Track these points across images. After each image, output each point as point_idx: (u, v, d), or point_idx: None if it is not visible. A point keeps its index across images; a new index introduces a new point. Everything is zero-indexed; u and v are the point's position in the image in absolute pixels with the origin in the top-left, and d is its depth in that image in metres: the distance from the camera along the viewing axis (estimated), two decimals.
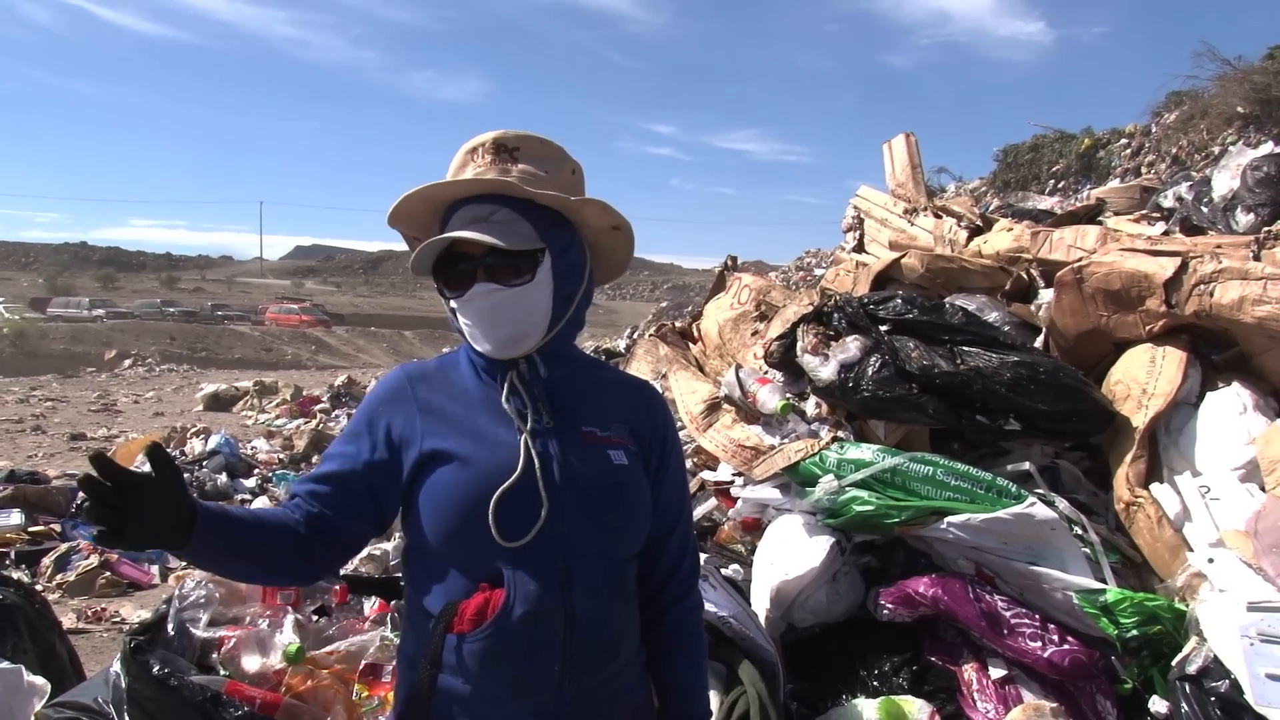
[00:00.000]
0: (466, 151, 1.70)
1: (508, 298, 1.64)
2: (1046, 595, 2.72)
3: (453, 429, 1.65)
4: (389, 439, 1.67)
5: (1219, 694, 2.36)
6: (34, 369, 30.63)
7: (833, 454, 3.11)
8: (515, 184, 1.63)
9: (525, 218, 1.64)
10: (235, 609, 3.13)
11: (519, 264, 1.64)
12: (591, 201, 1.72)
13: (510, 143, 1.70)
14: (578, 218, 1.73)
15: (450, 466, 1.62)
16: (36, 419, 17.07)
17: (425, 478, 1.63)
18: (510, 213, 1.64)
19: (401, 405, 1.69)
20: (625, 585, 1.73)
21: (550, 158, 1.73)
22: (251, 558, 1.58)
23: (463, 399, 1.70)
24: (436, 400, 1.69)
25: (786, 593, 2.98)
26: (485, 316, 1.65)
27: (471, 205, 1.66)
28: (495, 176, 1.65)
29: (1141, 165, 12.56)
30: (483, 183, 1.65)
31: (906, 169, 6.05)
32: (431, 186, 1.67)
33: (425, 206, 1.72)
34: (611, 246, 1.83)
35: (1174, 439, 3.02)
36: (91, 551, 7.10)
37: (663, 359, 4.80)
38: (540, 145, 1.73)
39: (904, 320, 3.31)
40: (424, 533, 1.64)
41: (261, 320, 51.86)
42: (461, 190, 1.68)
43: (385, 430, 1.67)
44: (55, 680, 3.39)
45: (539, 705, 1.62)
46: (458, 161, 1.71)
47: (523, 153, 1.69)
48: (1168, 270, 3.11)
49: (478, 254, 1.63)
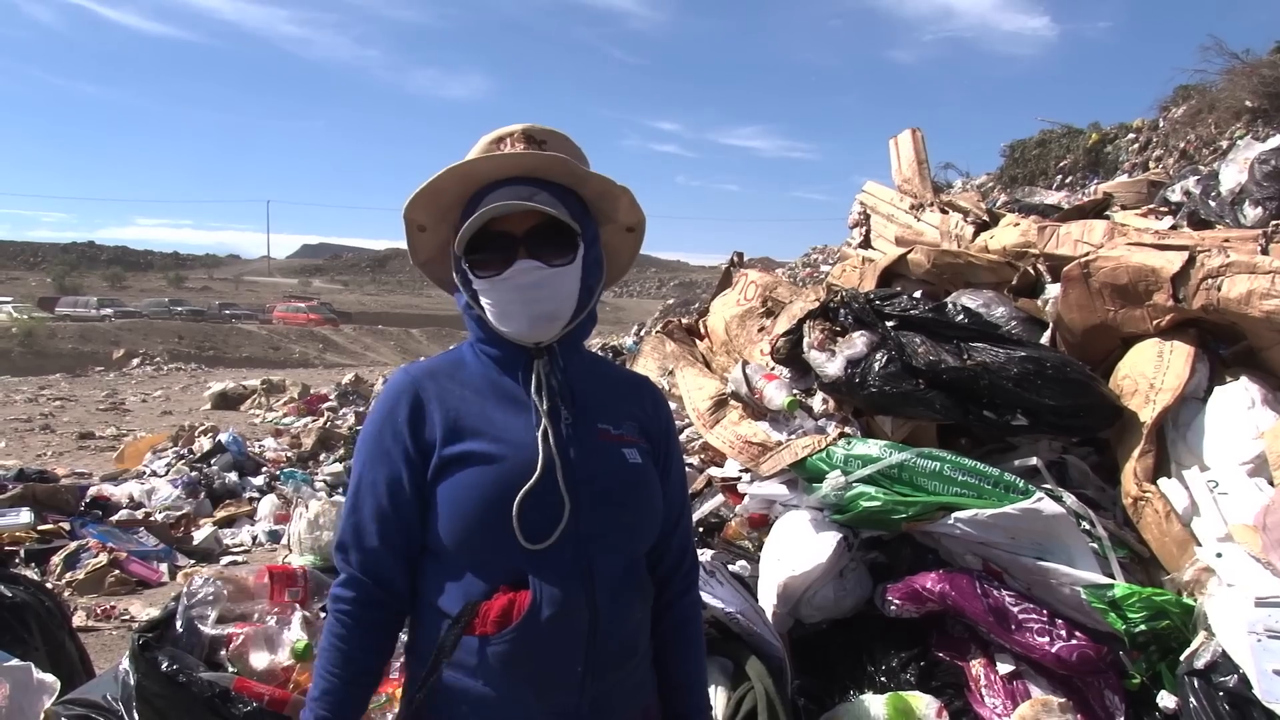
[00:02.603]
0: (491, 140, 1.70)
1: (549, 276, 1.61)
2: (1054, 590, 2.71)
3: (468, 427, 1.62)
4: (412, 454, 1.62)
5: (1227, 689, 2.36)
6: (42, 368, 30.76)
7: (840, 450, 3.10)
8: (571, 161, 1.63)
9: (564, 203, 1.63)
10: (243, 606, 3.14)
11: (562, 244, 1.62)
12: (627, 190, 1.71)
13: (539, 135, 1.70)
14: (610, 206, 1.73)
15: (469, 468, 1.59)
16: (45, 418, 17.13)
17: (444, 478, 1.60)
18: (550, 196, 1.62)
19: (413, 411, 1.64)
20: (642, 582, 1.73)
21: (576, 155, 1.74)
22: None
23: (475, 396, 1.67)
24: (449, 398, 1.65)
25: (794, 588, 2.98)
26: (524, 294, 1.61)
27: (511, 186, 1.62)
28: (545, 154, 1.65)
29: (1149, 160, 12.54)
30: (536, 157, 1.64)
31: (913, 164, 6.03)
32: (475, 161, 1.65)
33: (459, 185, 1.67)
34: (619, 249, 1.84)
35: (1182, 434, 3.01)
36: (100, 549, 7.13)
37: (669, 355, 4.80)
38: (565, 141, 1.74)
39: (910, 316, 3.31)
40: (441, 534, 1.61)
41: (269, 319, 51.98)
42: (510, 165, 1.65)
43: (404, 443, 1.62)
44: (65, 678, 3.40)
45: (562, 705, 1.61)
46: (482, 148, 1.70)
47: (550, 145, 1.70)
48: (1175, 264, 3.10)
49: (518, 233, 1.61)
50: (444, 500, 1.60)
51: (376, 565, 1.62)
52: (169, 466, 10.44)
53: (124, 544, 7.47)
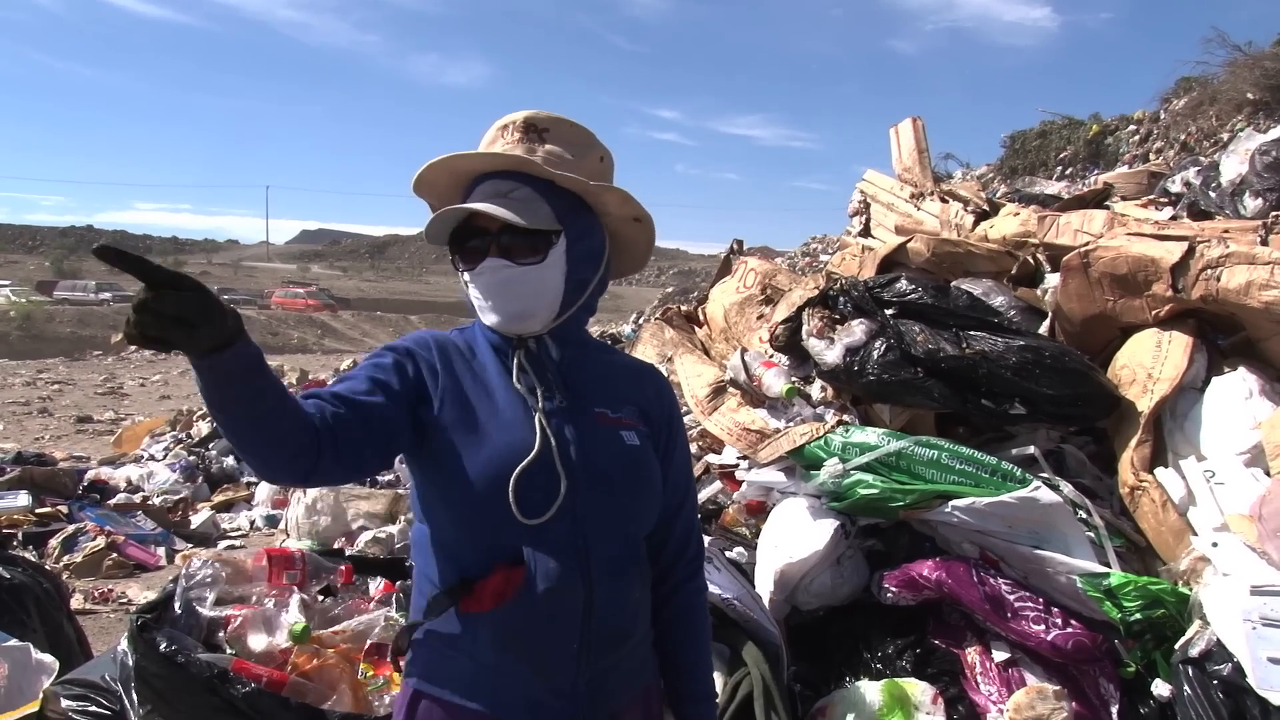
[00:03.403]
0: (499, 127, 1.70)
1: (517, 275, 1.63)
2: (1050, 579, 2.72)
3: (470, 402, 1.64)
4: (412, 384, 1.63)
5: (1221, 677, 2.37)
6: (41, 352, 30.72)
7: (838, 437, 3.10)
8: (537, 163, 1.63)
9: (545, 198, 1.64)
10: (241, 588, 3.15)
11: (533, 243, 1.63)
12: (612, 189, 1.71)
13: (541, 123, 1.69)
14: (598, 204, 1.73)
15: (467, 441, 1.60)
16: (43, 401, 17.13)
17: (441, 451, 1.61)
18: (531, 192, 1.63)
19: (425, 360, 1.67)
20: (640, 564, 1.74)
21: (579, 142, 1.72)
22: (271, 405, 1.39)
23: (480, 374, 1.69)
24: (457, 370, 1.68)
25: (791, 575, 2.99)
26: (493, 291, 1.64)
27: (494, 180, 1.65)
28: (521, 154, 1.64)
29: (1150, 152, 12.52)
30: (506, 158, 1.65)
31: (913, 153, 6.02)
32: (454, 157, 1.67)
33: (448, 177, 1.70)
34: (633, 239, 1.83)
35: (1179, 424, 3.02)
36: (98, 533, 7.13)
37: (668, 342, 4.80)
38: (571, 129, 1.72)
39: (909, 304, 3.31)
40: (440, 510, 1.63)
41: (268, 304, 51.87)
42: (484, 164, 1.67)
43: (411, 374, 1.64)
44: (63, 659, 3.42)
45: (558, 684, 1.62)
46: (489, 136, 1.70)
47: (552, 134, 1.69)
48: (1174, 255, 3.10)
49: (493, 229, 1.63)
50: (442, 472, 1.60)
51: (336, 398, 1.54)
52: (167, 451, 10.45)
53: (122, 528, 7.47)
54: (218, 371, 1.31)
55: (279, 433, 1.42)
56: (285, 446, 1.44)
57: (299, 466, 1.48)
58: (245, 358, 1.32)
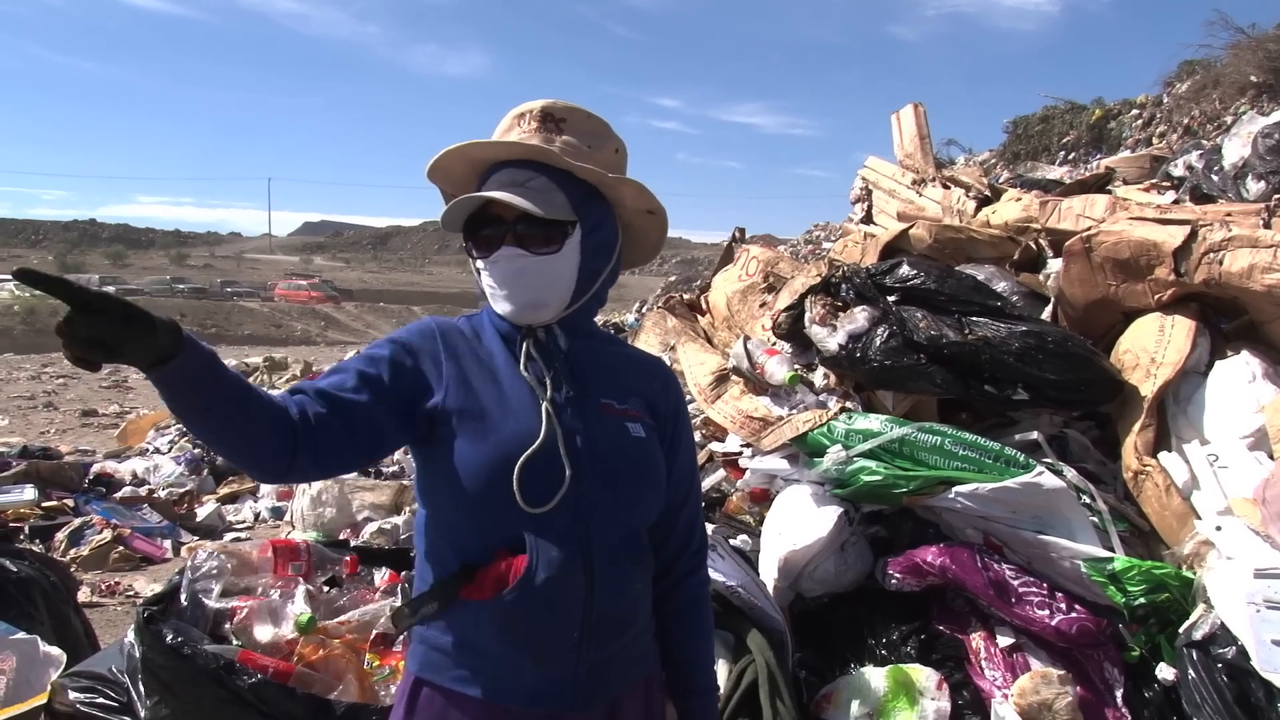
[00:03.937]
0: (515, 116, 1.70)
1: (532, 264, 1.63)
2: (1054, 564, 2.73)
3: (476, 389, 1.64)
4: (408, 379, 1.63)
5: (1226, 660, 2.38)
6: (45, 346, 30.69)
7: (841, 424, 3.10)
8: (556, 153, 1.63)
9: (561, 189, 1.64)
10: (247, 580, 3.16)
11: (549, 233, 1.63)
12: (629, 181, 1.71)
13: (558, 113, 1.69)
14: (614, 195, 1.73)
15: (473, 429, 1.60)
16: (48, 395, 17.14)
17: (446, 438, 1.61)
18: (547, 181, 1.64)
19: (428, 350, 1.67)
20: (642, 555, 1.74)
21: (595, 133, 1.72)
22: (233, 410, 1.41)
23: (488, 361, 1.69)
24: (463, 357, 1.68)
25: (795, 563, 2.99)
26: (507, 280, 1.65)
27: (510, 169, 1.65)
28: (539, 144, 1.65)
29: (1153, 136, 12.48)
30: (524, 147, 1.65)
31: (915, 140, 6.01)
32: (472, 145, 1.67)
33: (464, 164, 1.71)
34: (645, 230, 1.83)
35: (1182, 408, 3.01)
36: (104, 526, 7.15)
37: (671, 331, 4.80)
38: (587, 119, 1.72)
39: (912, 290, 3.30)
40: (444, 496, 1.63)
41: (271, 296, 51.98)
42: (502, 152, 1.67)
43: (408, 368, 1.64)
44: (71, 651, 3.43)
45: (558, 673, 1.63)
46: (504, 125, 1.70)
47: (569, 124, 1.69)
48: (1177, 239, 3.09)
49: (509, 218, 1.63)
50: (447, 460, 1.60)
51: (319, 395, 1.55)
52: (172, 444, 10.45)
53: (128, 521, 7.49)
54: (166, 384, 1.35)
55: (246, 436, 1.45)
56: (256, 448, 1.47)
57: (276, 466, 1.50)
58: (190, 369, 1.35)
